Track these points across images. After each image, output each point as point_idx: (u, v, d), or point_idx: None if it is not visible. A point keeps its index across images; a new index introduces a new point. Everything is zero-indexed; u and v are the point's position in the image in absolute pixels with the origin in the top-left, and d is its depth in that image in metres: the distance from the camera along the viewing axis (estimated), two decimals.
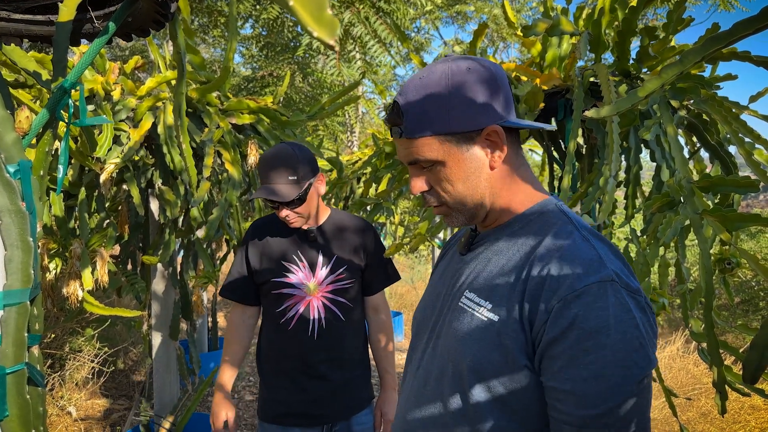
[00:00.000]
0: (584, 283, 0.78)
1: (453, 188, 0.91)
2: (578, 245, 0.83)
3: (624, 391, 0.75)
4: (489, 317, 0.86)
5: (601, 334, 0.75)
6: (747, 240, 9.26)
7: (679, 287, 1.80)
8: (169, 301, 3.10)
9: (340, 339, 1.88)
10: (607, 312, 0.76)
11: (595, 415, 0.75)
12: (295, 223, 1.82)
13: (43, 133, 1.08)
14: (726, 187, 1.49)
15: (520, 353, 0.82)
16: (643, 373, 0.76)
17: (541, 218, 0.91)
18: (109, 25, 1.03)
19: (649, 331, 0.79)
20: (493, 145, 0.89)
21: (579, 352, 0.76)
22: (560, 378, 0.78)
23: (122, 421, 3.96)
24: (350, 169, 4.58)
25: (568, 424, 0.78)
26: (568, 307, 0.77)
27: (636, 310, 0.78)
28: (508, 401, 0.84)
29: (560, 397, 0.79)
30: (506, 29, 8.84)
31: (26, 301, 0.87)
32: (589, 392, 0.76)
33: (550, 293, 0.80)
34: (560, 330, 0.78)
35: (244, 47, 8.60)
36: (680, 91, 1.74)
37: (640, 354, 0.76)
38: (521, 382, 0.83)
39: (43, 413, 0.93)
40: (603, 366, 0.75)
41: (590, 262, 0.80)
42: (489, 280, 0.90)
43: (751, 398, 3.85)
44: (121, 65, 2.61)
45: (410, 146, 0.90)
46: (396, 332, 6.88)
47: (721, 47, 0.79)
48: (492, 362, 0.85)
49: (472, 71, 0.87)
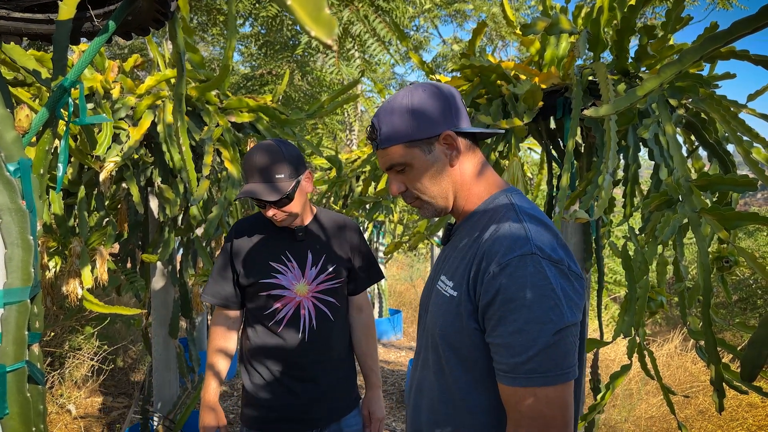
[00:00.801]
0: (508, 257, 0.96)
1: (422, 185, 1.13)
2: (511, 227, 1.02)
3: (542, 342, 0.92)
4: (451, 294, 1.08)
5: (520, 297, 0.94)
6: (745, 238, 9.27)
7: (677, 285, 1.80)
8: (169, 300, 3.10)
9: (330, 340, 1.84)
10: (525, 280, 0.94)
11: (521, 362, 0.94)
12: (283, 222, 1.76)
13: (43, 132, 1.08)
14: (724, 185, 1.49)
15: (470, 318, 1.03)
16: (557, 327, 0.93)
17: (492, 209, 1.11)
18: (109, 23, 1.03)
19: (568, 293, 0.96)
20: (450, 147, 1.11)
21: (505, 312, 0.95)
22: (494, 334, 0.98)
23: (122, 419, 3.96)
24: (349, 167, 4.58)
25: (503, 372, 0.97)
26: (495, 278, 0.97)
27: (555, 277, 0.95)
28: (467, 357, 1.05)
29: (495, 349, 0.99)
30: (505, 28, 8.83)
31: (26, 300, 0.87)
32: (515, 343, 0.94)
33: (485, 267, 0.99)
34: (491, 296, 0.97)
35: (243, 45, 8.59)
36: (679, 90, 1.74)
37: (555, 312, 0.93)
38: (473, 342, 1.03)
39: (43, 411, 0.94)
40: (523, 322, 0.93)
41: (516, 240, 0.98)
42: (453, 263, 1.11)
43: (749, 396, 3.86)
44: (120, 64, 2.61)
45: (385, 155, 1.14)
46: (395, 330, 6.88)
47: (720, 46, 0.79)
48: (454, 328, 1.06)
49: (428, 92, 1.11)
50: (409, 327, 7.56)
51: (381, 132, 1.12)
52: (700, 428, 3.72)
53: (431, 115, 1.09)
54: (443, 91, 1.12)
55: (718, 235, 1.44)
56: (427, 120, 1.09)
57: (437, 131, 1.10)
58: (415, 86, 1.14)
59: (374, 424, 1.94)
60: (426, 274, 10.49)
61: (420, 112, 1.09)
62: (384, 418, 1.97)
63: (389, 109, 1.12)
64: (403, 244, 2.50)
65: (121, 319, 5.44)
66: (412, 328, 7.54)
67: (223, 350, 1.87)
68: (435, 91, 1.11)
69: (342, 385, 1.89)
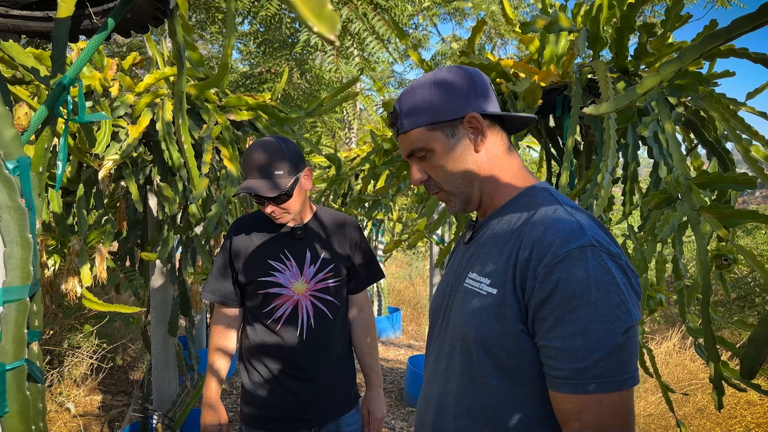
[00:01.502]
0: (566, 249, 0.86)
1: (444, 171, 1.05)
2: (561, 218, 0.92)
3: (608, 343, 0.82)
4: (489, 291, 0.96)
5: (584, 293, 0.83)
6: (743, 236, 9.29)
7: (676, 283, 1.81)
8: (168, 298, 3.10)
9: (328, 339, 1.84)
10: (587, 273, 0.84)
11: (584, 367, 0.83)
12: (282, 219, 1.75)
13: (42, 130, 1.08)
14: (723, 183, 1.49)
15: (516, 320, 0.91)
16: (625, 326, 0.83)
17: (529, 200, 1.01)
18: (108, 21, 1.03)
19: (630, 289, 0.87)
20: (475, 131, 1.03)
21: (564, 311, 0.84)
22: (550, 336, 0.86)
23: (121, 417, 3.96)
24: (348, 165, 4.58)
25: (561, 378, 0.86)
26: (552, 271, 0.86)
27: (616, 271, 0.86)
28: (509, 365, 0.94)
29: (552, 354, 0.87)
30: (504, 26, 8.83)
31: (26, 298, 0.87)
32: (577, 347, 0.83)
33: (537, 261, 0.88)
34: (546, 293, 0.86)
35: (241, 44, 8.58)
36: (678, 88, 1.74)
37: (621, 309, 0.83)
38: (519, 347, 0.92)
39: (43, 409, 0.94)
40: (587, 322, 0.83)
41: (571, 230, 0.89)
42: (487, 259, 1.00)
43: (747, 394, 3.87)
44: (119, 61, 2.60)
45: (406, 140, 1.07)
46: (395, 328, 6.89)
47: (719, 44, 0.80)
48: (493, 331, 0.94)
49: (452, 74, 1.05)
50: (408, 325, 7.57)
51: (402, 114, 1.06)
52: (698, 426, 3.72)
53: (455, 96, 1.03)
54: (469, 72, 1.06)
55: (717, 233, 1.44)
56: (451, 101, 1.02)
57: (461, 113, 1.02)
58: (439, 68, 1.08)
59: (373, 424, 1.94)
60: (425, 273, 10.49)
61: (443, 94, 1.03)
62: (383, 418, 1.97)
63: (411, 92, 1.06)
64: (402, 242, 2.50)
65: (120, 317, 5.44)
66: (411, 326, 7.55)
67: (223, 348, 1.87)
68: (459, 72, 1.05)
69: (341, 384, 1.89)
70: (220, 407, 1.84)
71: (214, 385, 1.84)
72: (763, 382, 3.89)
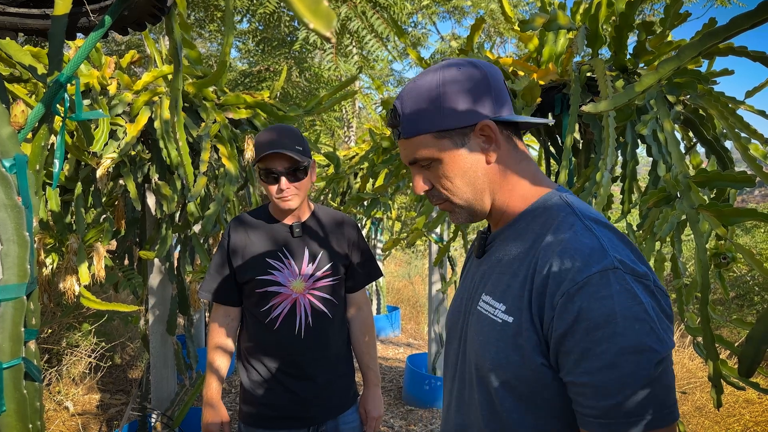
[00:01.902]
0: (586, 275, 0.78)
1: (452, 184, 0.94)
2: (579, 236, 0.83)
3: (640, 377, 0.74)
4: (504, 319, 0.87)
5: (609, 323, 0.75)
6: (742, 235, 9.30)
7: (675, 282, 1.81)
8: (166, 297, 3.10)
9: (327, 337, 1.84)
10: (611, 300, 0.76)
11: (616, 404, 0.75)
12: (290, 202, 1.74)
13: (39, 128, 1.08)
14: (722, 182, 1.49)
15: (535, 352, 0.83)
16: (658, 357, 0.75)
17: (544, 213, 0.91)
18: (105, 18, 1.03)
19: (660, 314, 0.79)
20: (488, 140, 0.92)
21: (590, 344, 0.76)
22: (576, 372, 0.78)
23: (119, 416, 3.96)
24: (347, 164, 4.58)
25: (592, 417, 0.78)
26: (571, 300, 0.78)
27: (644, 295, 0.78)
28: (532, 399, 0.86)
29: (580, 390, 0.79)
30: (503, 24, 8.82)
31: (23, 296, 0.87)
32: (606, 382, 0.75)
33: (554, 288, 0.80)
34: (568, 324, 0.78)
35: (240, 42, 8.56)
36: (677, 86, 1.74)
37: (652, 338, 0.75)
38: (541, 381, 0.84)
39: (41, 408, 0.93)
40: (615, 354, 0.75)
41: (591, 252, 0.80)
42: (501, 282, 0.91)
43: (746, 392, 3.87)
44: (117, 59, 2.60)
45: (408, 146, 0.95)
46: (394, 327, 6.89)
47: (718, 42, 0.79)
48: (511, 363, 0.86)
49: (463, 71, 0.91)
50: (407, 324, 7.57)
51: (404, 117, 0.93)
52: (697, 424, 3.73)
53: (466, 100, 0.90)
54: (481, 69, 0.92)
55: (715, 231, 1.44)
56: (461, 105, 0.90)
57: (473, 120, 0.90)
58: (447, 62, 0.94)
59: (370, 423, 1.94)
60: (424, 271, 10.49)
61: (452, 97, 0.90)
62: (381, 417, 1.97)
63: (415, 91, 0.92)
64: (401, 241, 2.50)
65: (119, 316, 5.44)
66: (410, 324, 7.55)
67: (222, 347, 1.87)
68: (471, 70, 0.91)
69: (339, 383, 1.89)
70: (221, 406, 1.83)
71: (214, 384, 1.84)
72: (762, 381, 3.90)
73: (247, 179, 3.07)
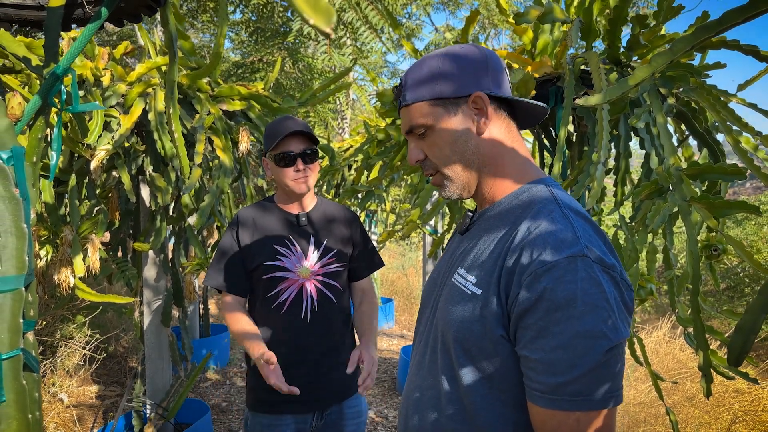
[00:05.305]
0: (555, 258, 0.82)
1: (441, 153, 1.00)
2: (555, 223, 0.87)
3: (591, 360, 0.78)
4: (473, 291, 0.93)
5: (569, 306, 0.79)
6: (733, 227, 9.37)
7: (666, 273, 1.83)
8: (161, 288, 3.10)
9: (331, 323, 1.89)
10: (575, 285, 0.80)
11: (563, 382, 0.80)
12: (302, 185, 1.83)
13: (36, 120, 1.08)
14: (714, 174, 1.51)
15: (497, 325, 0.88)
16: (610, 344, 0.79)
17: (528, 198, 0.95)
18: (101, 10, 1.02)
19: (620, 304, 0.83)
20: (480, 112, 0.98)
21: (548, 323, 0.80)
22: (531, 347, 0.83)
23: (114, 407, 3.97)
24: (342, 156, 4.58)
25: (539, 391, 0.83)
26: (538, 280, 0.82)
27: (607, 285, 0.81)
28: (488, 370, 0.91)
29: (532, 365, 0.83)
30: (498, 16, 8.81)
31: (21, 288, 0.87)
32: (558, 361, 0.80)
33: (523, 268, 0.84)
34: (531, 302, 0.82)
35: (233, 32, 8.51)
36: (670, 80, 1.75)
37: (607, 325, 0.79)
38: (499, 352, 0.89)
39: (39, 398, 0.94)
40: (571, 336, 0.79)
41: (564, 238, 0.84)
42: (477, 257, 0.96)
43: (735, 382, 3.92)
44: (110, 51, 2.58)
45: (407, 114, 1.02)
46: (387, 318, 6.92)
47: (711, 36, 0.80)
48: (473, 333, 0.91)
49: (465, 50, 0.99)
50: (401, 315, 7.60)
51: (407, 86, 1.01)
52: (687, 414, 3.78)
53: (462, 73, 0.97)
54: (483, 52, 1.00)
55: (707, 223, 1.46)
56: (457, 77, 0.97)
57: (467, 91, 0.97)
58: (453, 45, 1.03)
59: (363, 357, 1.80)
60: (418, 263, 10.53)
61: (451, 68, 0.97)
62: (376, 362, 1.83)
63: (420, 63, 1.01)
64: (395, 233, 2.50)
65: (113, 307, 5.43)
66: (404, 316, 7.58)
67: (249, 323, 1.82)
68: (474, 49, 1.00)
69: (343, 368, 1.91)
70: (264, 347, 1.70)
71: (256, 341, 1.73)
72: (751, 370, 3.95)
73: (241, 171, 3.07)
